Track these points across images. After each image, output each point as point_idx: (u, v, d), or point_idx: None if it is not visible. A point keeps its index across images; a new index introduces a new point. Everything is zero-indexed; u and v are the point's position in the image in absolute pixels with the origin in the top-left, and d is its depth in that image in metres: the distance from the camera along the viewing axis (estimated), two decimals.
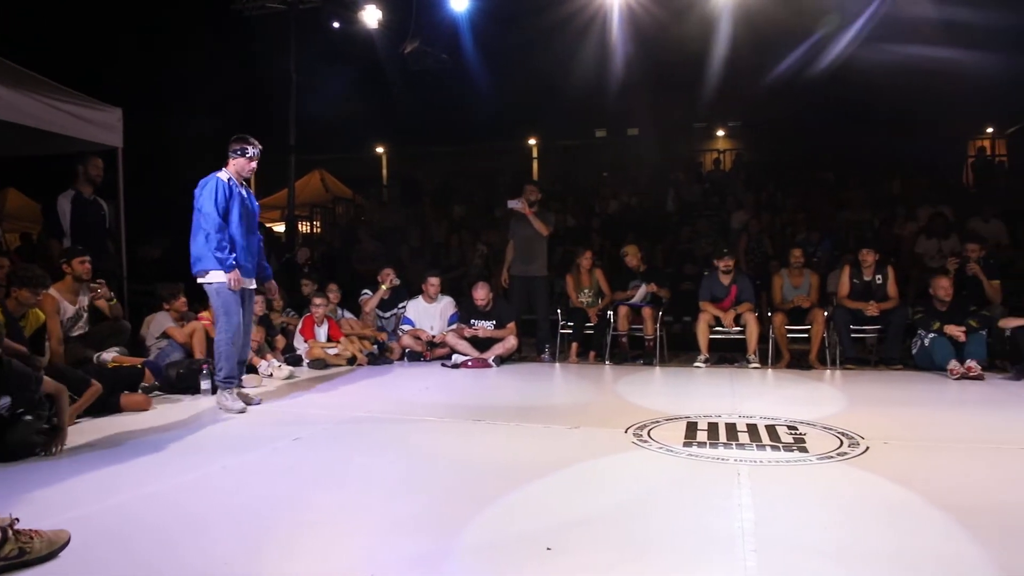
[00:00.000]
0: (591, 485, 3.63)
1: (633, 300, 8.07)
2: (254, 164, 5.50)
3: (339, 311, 8.41)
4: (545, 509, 3.24)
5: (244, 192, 5.48)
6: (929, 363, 6.90)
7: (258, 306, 7.32)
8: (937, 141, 15.80)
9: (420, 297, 8.45)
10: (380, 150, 22.84)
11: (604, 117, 21.24)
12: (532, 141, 21.71)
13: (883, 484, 3.53)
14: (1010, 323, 6.68)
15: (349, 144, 20.54)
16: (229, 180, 5.35)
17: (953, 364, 6.59)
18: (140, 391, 5.63)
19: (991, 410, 5.45)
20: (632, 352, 8.13)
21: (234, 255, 5.29)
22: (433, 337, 8.22)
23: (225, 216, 5.27)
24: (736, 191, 12.91)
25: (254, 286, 5.71)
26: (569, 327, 8.20)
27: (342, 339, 7.91)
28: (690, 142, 20.43)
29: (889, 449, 4.16)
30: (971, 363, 6.53)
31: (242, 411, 5.25)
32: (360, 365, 7.77)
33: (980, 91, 15.53)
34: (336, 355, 7.76)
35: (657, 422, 4.84)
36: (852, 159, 14.69)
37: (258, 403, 5.58)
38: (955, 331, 6.77)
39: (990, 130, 19.40)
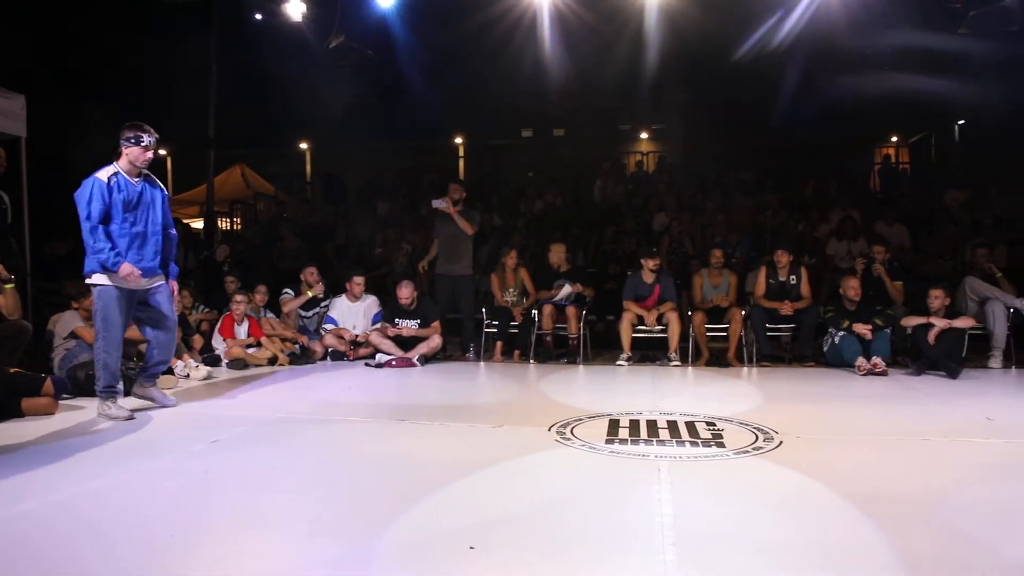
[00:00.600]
0: (514, 483, 3.65)
1: (557, 299, 8.14)
2: (150, 154, 5.10)
3: (261, 310, 8.22)
4: (468, 508, 3.24)
5: (141, 185, 5.10)
6: (839, 360, 7.20)
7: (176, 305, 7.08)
8: (847, 148, 16.52)
9: (344, 296, 8.32)
10: (304, 146, 22.38)
11: (531, 117, 21.36)
12: (459, 140, 21.65)
13: (795, 476, 3.67)
14: (911, 322, 7.04)
15: (272, 139, 20.06)
16: (111, 179, 4.95)
17: (860, 361, 6.90)
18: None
19: (894, 404, 5.72)
20: (556, 351, 8.21)
21: (115, 250, 4.92)
22: (357, 336, 8.11)
23: (108, 214, 4.93)
24: (659, 192, 13.18)
25: (153, 286, 5.26)
26: (494, 326, 8.22)
27: (263, 339, 7.73)
28: (615, 144, 20.73)
29: (801, 443, 4.32)
30: (876, 360, 6.85)
31: (129, 418, 4.95)
32: (281, 365, 7.60)
33: (886, 102, 16.31)
34: (256, 355, 7.57)
35: (580, 420, 4.90)
36: (770, 163, 15.19)
37: (173, 405, 5.38)
38: (862, 329, 7.09)
39: (895, 139, 20.40)
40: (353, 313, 8.25)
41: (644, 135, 22.83)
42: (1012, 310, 7.31)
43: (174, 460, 4.02)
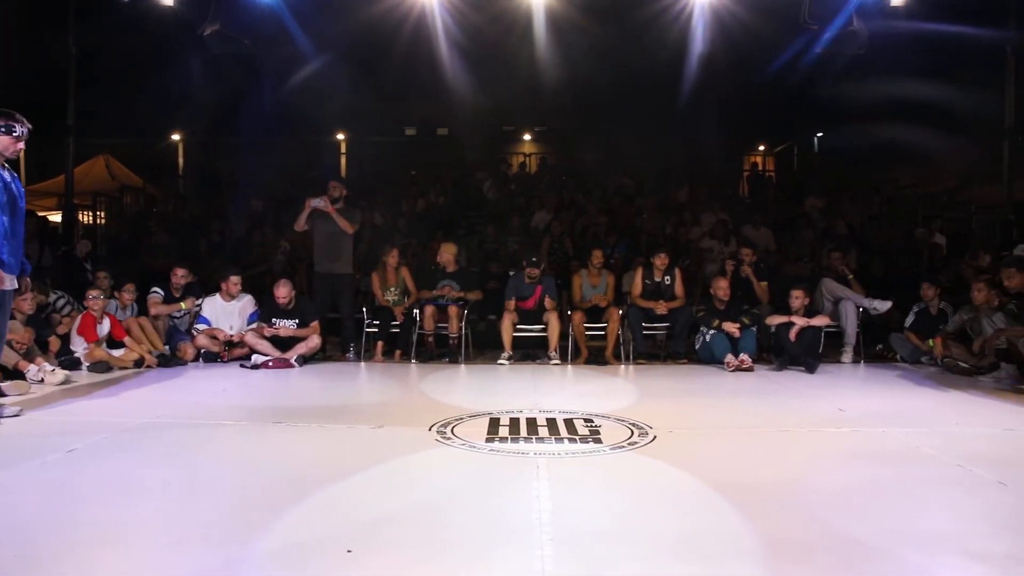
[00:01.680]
0: (394, 484, 3.62)
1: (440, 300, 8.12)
2: (21, 145, 4.77)
3: (129, 308, 7.76)
4: (346, 511, 3.18)
5: (8, 175, 4.81)
6: (710, 357, 7.55)
7: (27, 303, 6.58)
8: (719, 154, 17.35)
9: (217, 295, 7.98)
10: (176, 137, 21.31)
11: (415, 115, 21.24)
12: (340, 136, 21.23)
13: (668, 469, 3.82)
14: (775, 320, 7.47)
15: (141, 129, 18.99)
16: None
17: (729, 358, 7.26)
18: None
19: (759, 398, 6.06)
20: (438, 350, 8.19)
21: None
22: (232, 337, 7.81)
23: None
24: (540, 193, 13.39)
25: (15, 286, 4.92)
26: (375, 326, 8.11)
27: (127, 340, 7.31)
28: (498, 144, 20.92)
29: (674, 437, 4.49)
30: (744, 356, 7.23)
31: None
32: (149, 367, 7.21)
33: (754, 112, 17.28)
34: (121, 357, 7.15)
35: (461, 419, 4.91)
36: (647, 167, 15.73)
37: (17, 414, 4.91)
38: (731, 328, 7.46)
39: (762, 148, 21.63)
40: (228, 313, 7.93)
41: (527, 136, 23.15)
42: (861, 309, 7.89)
43: (23, 473, 3.72)
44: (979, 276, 7.31)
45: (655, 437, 4.45)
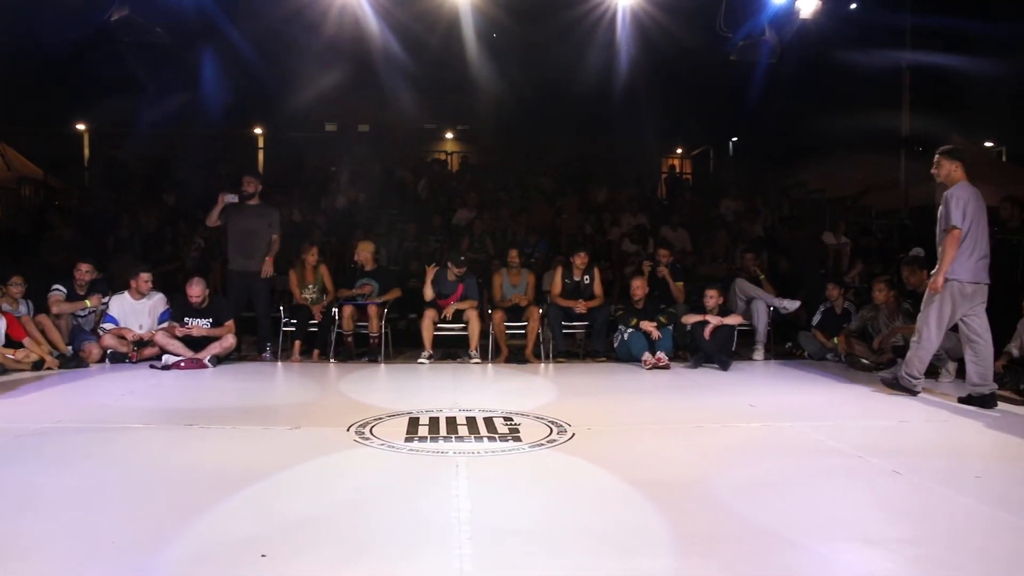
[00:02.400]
0: (310, 486, 3.56)
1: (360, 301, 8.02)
2: None
3: (24, 305, 7.36)
4: (261, 514, 3.11)
5: None
6: (628, 355, 7.69)
7: None
8: (638, 157, 17.71)
9: (126, 293, 7.66)
10: (82, 127, 20.32)
11: (335, 111, 20.85)
12: (258, 130, 20.69)
13: (586, 466, 3.88)
14: (690, 319, 7.67)
15: (41, 117, 18.02)
16: None
17: (646, 356, 7.41)
18: None
19: (675, 395, 6.23)
20: (357, 350, 8.08)
21: None
22: (141, 336, 7.51)
23: None
24: (461, 192, 13.38)
25: None
26: (292, 325, 7.93)
27: (26, 340, 6.93)
28: (420, 142, 20.79)
29: (592, 434, 4.57)
30: (660, 354, 7.39)
31: None
32: (49, 369, 6.87)
33: (672, 117, 17.71)
34: (17, 358, 6.78)
35: (380, 419, 4.86)
36: (568, 168, 15.92)
37: None
38: (648, 327, 7.62)
39: (679, 151, 22.19)
40: (137, 311, 7.62)
41: (449, 135, 23.09)
42: (772, 308, 8.19)
43: None
44: (879, 276, 7.70)
45: (574, 435, 4.51)
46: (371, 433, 4.48)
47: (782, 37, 9.32)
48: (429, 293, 7.92)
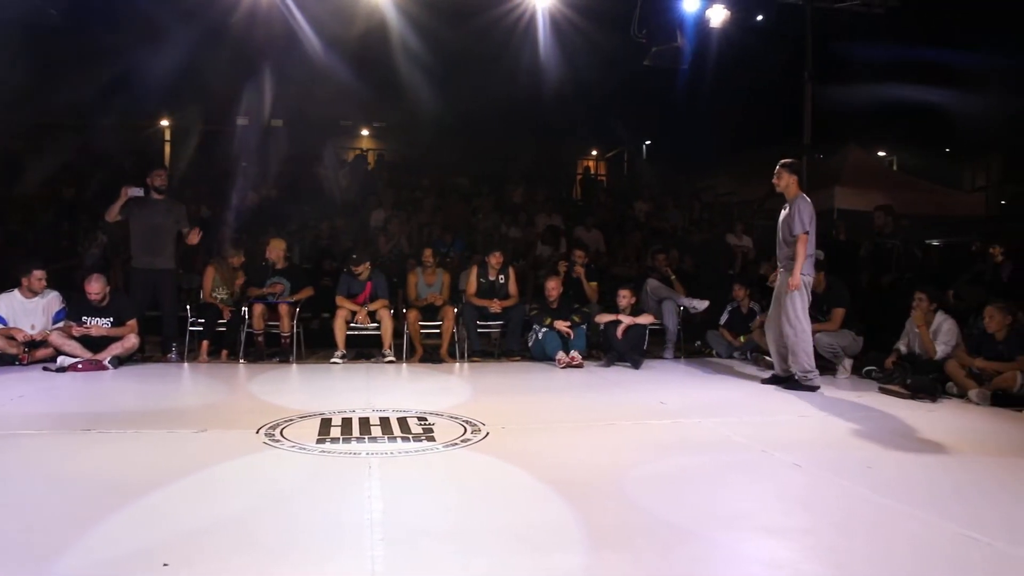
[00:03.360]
0: (217, 491, 3.45)
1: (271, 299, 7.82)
2: None
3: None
4: (164, 521, 2.99)
5: None
6: (542, 354, 7.76)
7: None
8: (554, 158, 17.91)
9: (16, 291, 7.22)
10: None
11: (247, 104, 20.25)
12: (165, 122, 19.92)
13: (500, 465, 3.89)
14: (603, 319, 7.80)
15: None
16: None
17: (560, 355, 7.50)
18: None
19: (588, 393, 6.31)
20: (268, 350, 7.86)
21: None
22: (33, 337, 7.10)
23: None
24: (378, 190, 13.21)
25: None
26: (200, 324, 7.66)
27: None
28: (335, 139, 20.44)
29: (506, 433, 4.58)
30: (574, 353, 7.49)
31: None
32: None
33: (588, 119, 17.99)
34: None
35: (291, 420, 4.75)
36: (484, 168, 15.95)
37: None
38: (562, 326, 7.71)
39: (595, 153, 22.56)
40: (29, 310, 7.19)
41: (365, 132, 22.81)
42: (682, 308, 8.42)
43: None
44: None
45: (488, 434, 4.52)
46: (282, 435, 4.37)
47: (694, 45, 9.60)
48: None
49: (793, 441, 4.46)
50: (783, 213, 6.30)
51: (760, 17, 10.97)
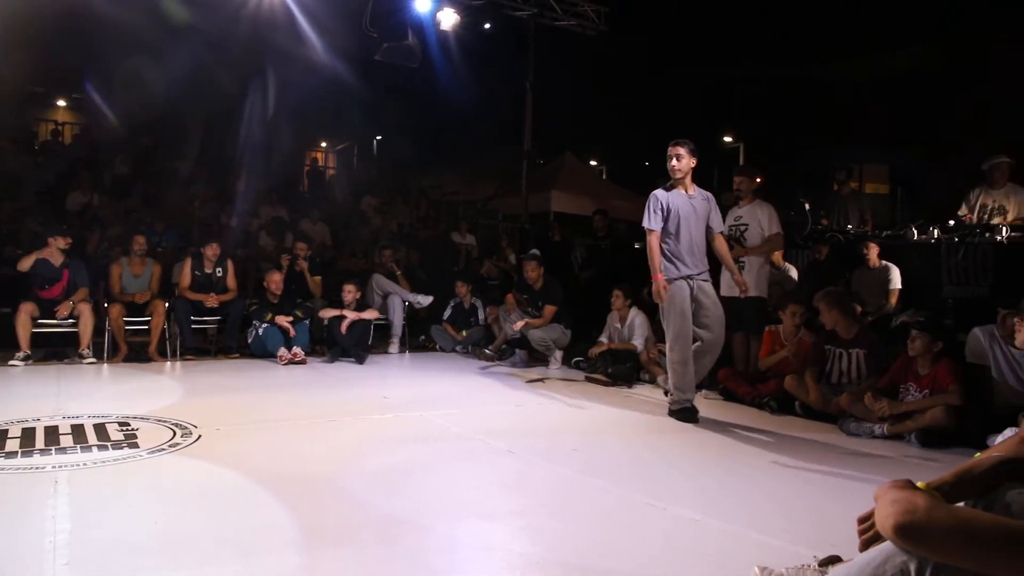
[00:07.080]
0: None
1: None
2: None
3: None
4: None
5: None
6: (263, 350, 7.43)
7: None
8: (283, 149, 17.21)
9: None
10: None
11: None
12: None
13: (212, 469, 3.66)
14: (327, 314, 7.67)
15: None
16: None
17: (282, 351, 7.24)
18: None
19: (310, 390, 6.16)
20: None
21: None
22: None
23: None
24: (79, 170, 11.72)
25: None
26: None
27: None
28: (24, 107, 17.86)
29: (221, 434, 4.33)
30: (297, 349, 7.28)
31: None
32: None
33: (316, 109, 17.54)
34: None
35: None
36: (205, 155, 14.87)
37: None
38: (283, 322, 7.45)
39: (324, 144, 22.06)
40: None
41: (62, 103, 20.28)
42: (407, 303, 8.54)
43: None
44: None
45: (200, 436, 4.23)
46: None
47: (425, 45, 9.76)
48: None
49: (508, 429, 4.72)
50: (713, 212, 5.34)
51: (488, 25, 11.47)
